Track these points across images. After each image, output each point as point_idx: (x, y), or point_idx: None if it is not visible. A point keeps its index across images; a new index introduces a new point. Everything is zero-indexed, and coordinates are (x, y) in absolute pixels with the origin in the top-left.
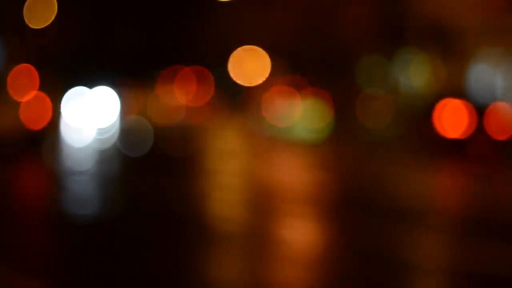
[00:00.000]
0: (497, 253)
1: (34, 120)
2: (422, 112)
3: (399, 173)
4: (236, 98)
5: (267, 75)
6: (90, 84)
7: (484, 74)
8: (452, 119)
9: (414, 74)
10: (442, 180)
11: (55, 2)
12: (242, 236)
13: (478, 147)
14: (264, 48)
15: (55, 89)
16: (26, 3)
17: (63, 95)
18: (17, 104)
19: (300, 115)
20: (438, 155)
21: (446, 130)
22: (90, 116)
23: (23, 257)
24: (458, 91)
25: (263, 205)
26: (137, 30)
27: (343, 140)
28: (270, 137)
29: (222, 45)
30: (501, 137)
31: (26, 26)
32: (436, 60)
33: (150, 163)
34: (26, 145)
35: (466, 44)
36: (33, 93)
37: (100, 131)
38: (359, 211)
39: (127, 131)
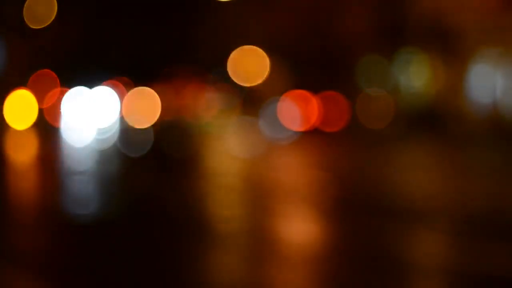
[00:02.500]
0: (497, 253)
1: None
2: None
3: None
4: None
5: (266, 75)
6: (90, 84)
7: (484, 74)
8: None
9: (414, 74)
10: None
11: (55, 2)
12: (242, 236)
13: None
14: (264, 48)
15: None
16: (26, 3)
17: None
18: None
19: (213, 111)
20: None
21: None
22: (90, 116)
23: (25, 257)
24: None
25: (262, 205)
26: (137, 30)
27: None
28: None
29: (221, 45)
30: (332, 128)
31: (26, 26)
32: (436, 60)
33: (150, 163)
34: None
35: (466, 44)
36: (57, 92)
37: (100, 131)
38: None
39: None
